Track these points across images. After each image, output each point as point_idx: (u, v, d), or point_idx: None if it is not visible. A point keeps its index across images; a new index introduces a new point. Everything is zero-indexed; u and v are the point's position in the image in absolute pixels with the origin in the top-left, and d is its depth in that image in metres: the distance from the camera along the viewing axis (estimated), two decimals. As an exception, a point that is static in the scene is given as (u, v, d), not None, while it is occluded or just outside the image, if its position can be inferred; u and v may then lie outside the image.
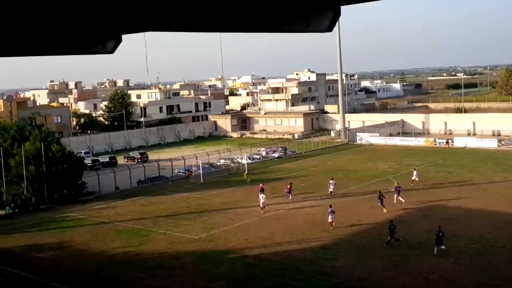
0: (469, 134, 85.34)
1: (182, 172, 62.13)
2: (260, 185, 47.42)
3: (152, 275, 30.10)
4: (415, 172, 50.57)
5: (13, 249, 36.61)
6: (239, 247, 34.21)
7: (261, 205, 42.97)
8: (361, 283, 27.25)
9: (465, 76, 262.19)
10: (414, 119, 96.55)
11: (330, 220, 37.08)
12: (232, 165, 66.42)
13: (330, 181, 48.37)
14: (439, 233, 30.47)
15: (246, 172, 57.63)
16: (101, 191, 54.42)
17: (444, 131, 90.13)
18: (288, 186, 47.41)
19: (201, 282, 28.63)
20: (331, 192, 47.44)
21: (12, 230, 41.86)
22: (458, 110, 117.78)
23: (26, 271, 30.88)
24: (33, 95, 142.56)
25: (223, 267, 30.60)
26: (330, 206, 38.14)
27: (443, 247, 29.76)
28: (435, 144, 77.95)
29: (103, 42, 19.85)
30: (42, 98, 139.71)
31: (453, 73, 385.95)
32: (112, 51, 20.10)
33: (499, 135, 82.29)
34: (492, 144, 74.23)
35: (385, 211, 39.99)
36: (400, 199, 43.05)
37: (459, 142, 76.57)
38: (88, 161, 67.92)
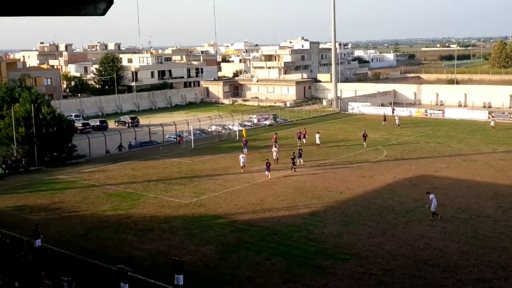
0: (460, 106, 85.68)
1: (173, 138, 62.10)
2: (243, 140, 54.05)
3: (142, 237, 30.36)
4: None
5: (3, 210, 36.66)
6: (228, 213, 34.50)
7: (241, 164, 45.42)
8: (348, 249, 27.66)
9: (458, 48, 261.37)
10: (406, 90, 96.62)
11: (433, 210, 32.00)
12: (223, 131, 66.39)
13: (316, 135, 56.30)
14: None
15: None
16: (92, 155, 54.36)
17: (436, 102, 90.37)
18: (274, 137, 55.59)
19: (190, 245, 28.92)
20: (318, 144, 55.30)
21: (2, 191, 41.84)
22: (450, 82, 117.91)
23: (16, 231, 30.97)
24: (23, 56, 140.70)
25: (212, 232, 30.89)
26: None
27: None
28: (426, 115, 78.23)
29: (95, 3, 19.44)
30: (32, 60, 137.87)
31: (447, 44, 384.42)
32: (103, 13, 19.71)
33: (489, 107, 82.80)
34: (483, 115, 74.65)
35: (269, 177, 42.25)
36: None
37: (450, 113, 76.90)
38: (78, 124, 67.68)
